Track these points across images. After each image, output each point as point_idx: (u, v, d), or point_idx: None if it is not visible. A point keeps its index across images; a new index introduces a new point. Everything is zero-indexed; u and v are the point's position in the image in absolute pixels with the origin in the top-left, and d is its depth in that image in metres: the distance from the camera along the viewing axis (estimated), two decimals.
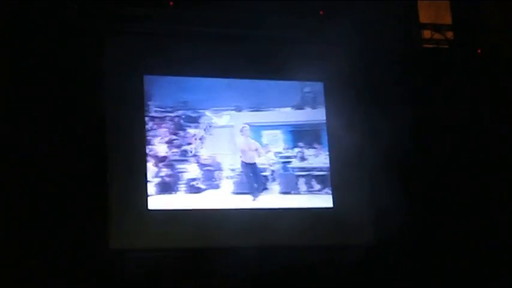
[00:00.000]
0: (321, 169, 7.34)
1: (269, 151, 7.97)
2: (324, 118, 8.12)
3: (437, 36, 9.42)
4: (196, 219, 8.49)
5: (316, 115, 7.79)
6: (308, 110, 7.75)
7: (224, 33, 8.81)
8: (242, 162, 8.74)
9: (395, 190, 8.72)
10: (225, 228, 8.44)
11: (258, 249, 8.42)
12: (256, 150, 8.81)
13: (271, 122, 7.62)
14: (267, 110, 7.79)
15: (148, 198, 8.47)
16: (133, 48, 8.63)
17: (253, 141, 8.81)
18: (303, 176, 7.39)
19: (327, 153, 7.99)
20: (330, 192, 8.35)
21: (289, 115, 7.51)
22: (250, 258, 8.34)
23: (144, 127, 8.60)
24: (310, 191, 7.74)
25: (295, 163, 7.69)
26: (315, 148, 7.50)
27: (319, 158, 7.45)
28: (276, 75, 8.88)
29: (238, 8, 8.70)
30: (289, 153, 7.73)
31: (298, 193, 7.91)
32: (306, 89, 7.75)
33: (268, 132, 7.67)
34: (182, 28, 8.69)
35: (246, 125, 8.65)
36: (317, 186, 7.38)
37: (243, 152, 8.86)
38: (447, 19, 9.58)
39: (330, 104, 9.03)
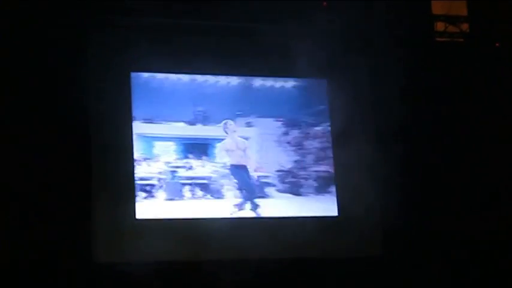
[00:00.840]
0: (204, 178, 7.66)
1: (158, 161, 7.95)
2: (213, 134, 8.03)
3: (451, 28, 9.10)
4: (189, 229, 8.09)
5: (207, 131, 7.91)
6: (199, 126, 7.88)
7: (219, 28, 8.45)
8: (231, 165, 8.13)
9: (404, 197, 8.48)
10: (220, 240, 8.06)
11: (257, 261, 8.09)
12: (245, 150, 8.16)
13: (164, 134, 7.88)
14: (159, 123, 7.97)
15: (136, 206, 8.05)
16: (119, 43, 8.19)
17: (241, 139, 8.19)
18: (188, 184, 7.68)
19: (213, 163, 7.92)
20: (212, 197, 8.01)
21: (182, 129, 7.78)
22: (246, 272, 8.04)
23: (131, 129, 8.16)
24: (195, 197, 7.82)
25: (183, 172, 7.80)
26: (202, 159, 7.72)
27: (205, 169, 7.69)
28: (276, 73, 8.61)
29: (233, 0, 8.34)
30: (178, 163, 7.79)
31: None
32: (199, 108, 7.85)
33: (160, 143, 7.91)
34: (173, 22, 8.30)
35: (229, 120, 8.01)
36: (200, 193, 7.66)
37: (230, 152, 8.20)
38: (462, 10, 9.23)
39: (333, 102, 8.72)
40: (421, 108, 8.84)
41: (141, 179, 8.03)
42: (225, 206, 8.15)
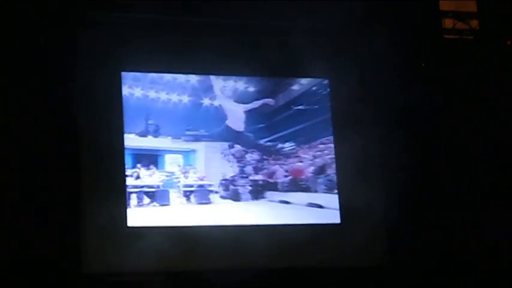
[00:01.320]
0: (152, 186, 7.91)
1: None
2: (162, 146, 8.15)
3: (460, 25, 8.90)
4: (184, 237, 7.87)
5: (157, 143, 8.08)
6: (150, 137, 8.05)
7: (215, 24, 8.24)
8: None
9: (410, 204, 8.29)
10: (217, 248, 7.85)
11: (254, 271, 7.83)
12: None
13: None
14: None
15: (128, 213, 7.85)
16: (109, 41, 7.96)
17: None
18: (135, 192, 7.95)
19: (161, 172, 8.08)
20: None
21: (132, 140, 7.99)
22: (243, 282, 7.77)
23: (123, 132, 7.98)
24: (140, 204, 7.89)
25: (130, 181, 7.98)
26: (151, 169, 7.96)
27: (152, 178, 7.95)
28: (275, 72, 8.47)
29: None
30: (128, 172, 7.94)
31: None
32: (150, 121, 8.03)
33: None
34: (166, 19, 8.10)
35: None
36: (147, 200, 7.89)
37: None
38: (471, 6, 8.97)
39: (336, 103, 8.56)
40: (428, 109, 8.63)
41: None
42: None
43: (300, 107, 8.48)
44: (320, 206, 8.35)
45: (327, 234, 8.17)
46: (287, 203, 8.31)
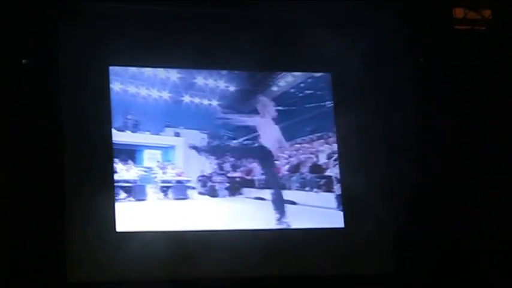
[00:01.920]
0: (128, 181, 7.80)
1: None
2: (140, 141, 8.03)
3: (472, 15, 8.74)
4: (176, 243, 7.64)
5: (135, 138, 7.99)
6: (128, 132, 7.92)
7: (208, 16, 7.98)
8: None
9: (419, 207, 8.11)
10: (212, 255, 7.63)
11: (252, 280, 7.68)
12: None
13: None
14: None
15: (116, 217, 7.62)
16: (96, 34, 7.73)
17: None
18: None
19: (139, 167, 7.91)
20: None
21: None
22: None
23: (111, 129, 7.75)
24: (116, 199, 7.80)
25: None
26: (128, 164, 7.85)
27: (129, 173, 7.84)
28: (273, 66, 8.26)
29: None
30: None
31: None
32: (128, 116, 7.90)
33: None
34: (156, 9, 7.81)
35: None
36: (123, 195, 7.78)
37: None
38: None
39: (339, 99, 8.32)
40: (438, 105, 8.41)
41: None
42: None
43: (278, 107, 8.35)
44: (293, 203, 8.14)
45: (329, 239, 7.95)
46: (262, 199, 8.15)
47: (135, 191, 7.78)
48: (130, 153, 7.91)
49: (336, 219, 8.07)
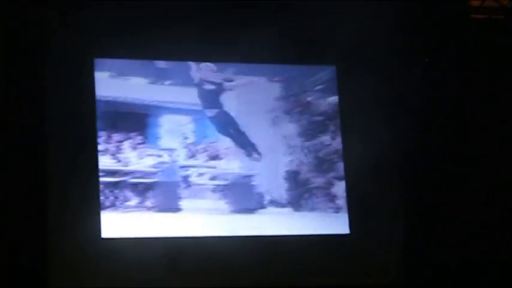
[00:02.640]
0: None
1: None
2: None
3: (488, 3, 8.48)
4: (168, 250, 7.28)
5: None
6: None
7: (203, 7, 7.64)
8: None
9: (431, 211, 7.81)
10: (207, 263, 7.26)
11: None
12: None
13: None
14: None
15: (102, 222, 7.24)
16: (80, 24, 7.41)
17: None
18: None
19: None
20: None
21: None
22: None
23: (95, 125, 7.39)
24: None
25: None
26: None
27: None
28: (271, 58, 7.83)
29: None
30: None
31: None
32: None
33: None
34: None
35: None
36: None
37: None
38: None
39: (343, 94, 7.98)
40: (452, 99, 8.09)
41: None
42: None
43: None
44: None
45: (334, 246, 7.64)
46: None
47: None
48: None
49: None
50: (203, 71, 7.63)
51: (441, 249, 7.74)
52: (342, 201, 7.77)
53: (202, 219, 7.32)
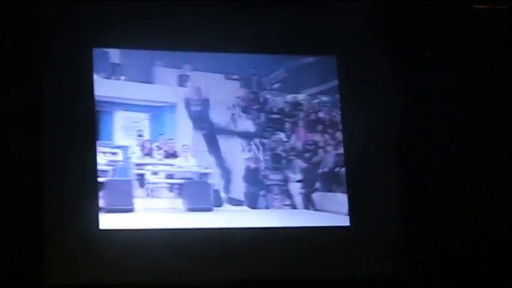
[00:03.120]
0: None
1: None
2: None
3: None
4: (168, 242, 7.12)
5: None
6: None
7: None
8: None
9: (430, 205, 7.65)
10: (205, 255, 7.14)
11: (250, 283, 7.23)
12: None
13: None
14: None
15: (100, 213, 7.06)
16: (78, 12, 7.22)
17: None
18: None
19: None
20: None
21: None
22: None
23: (94, 117, 7.20)
24: None
25: None
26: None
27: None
28: (270, 48, 7.66)
29: None
30: None
31: None
32: None
33: None
34: None
35: None
36: None
37: None
38: None
39: (344, 85, 7.77)
40: (453, 91, 7.93)
41: None
42: None
43: None
44: None
45: (333, 239, 7.48)
46: None
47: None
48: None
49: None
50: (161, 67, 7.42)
51: (441, 240, 7.64)
52: (298, 198, 7.61)
53: (157, 218, 7.17)
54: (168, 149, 7.26)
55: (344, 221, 7.51)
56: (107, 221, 6.97)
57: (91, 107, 7.17)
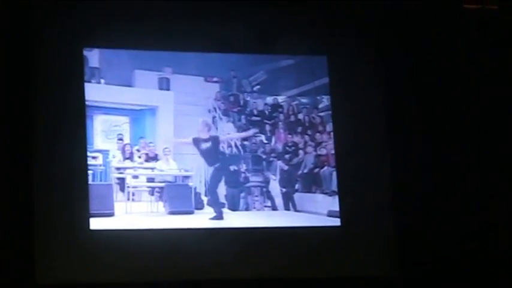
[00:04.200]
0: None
1: None
2: None
3: None
4: (158, 242, 7.08)
5: None
6: None
7: None
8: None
9: (425, 202, 7.60)
10: (197, 256, 7.09)
11: (243, 282, 7.19)
12: None
13: None
14: None
15: (91, 214, 7.02)
16: (69, 12, 7.19)
17: None
18: None
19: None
20: None
21: None
22: None
23: (85, 117, 7.11)
24: None
25: None
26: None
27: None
28: (262, 48, 7.60)
29: None
30: None
31: None
32: None
33: None
34: None
35: None
36: None
37: None
38: None
39: (334, 85, 7.69)
40: (444, 90, 7.89)
41: None
42: None
43: None
44: None
45: (325, 238, 7.42)
46: None
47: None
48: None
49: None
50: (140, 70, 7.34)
51: (433, 239, 7.61)
52: (279, 199, 7.57)
53: (138, 222, 7.09)
54: (149, 152, 7.23)
55: (325, 221, 7.47)
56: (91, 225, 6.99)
57: (82, 111, 7.12)
